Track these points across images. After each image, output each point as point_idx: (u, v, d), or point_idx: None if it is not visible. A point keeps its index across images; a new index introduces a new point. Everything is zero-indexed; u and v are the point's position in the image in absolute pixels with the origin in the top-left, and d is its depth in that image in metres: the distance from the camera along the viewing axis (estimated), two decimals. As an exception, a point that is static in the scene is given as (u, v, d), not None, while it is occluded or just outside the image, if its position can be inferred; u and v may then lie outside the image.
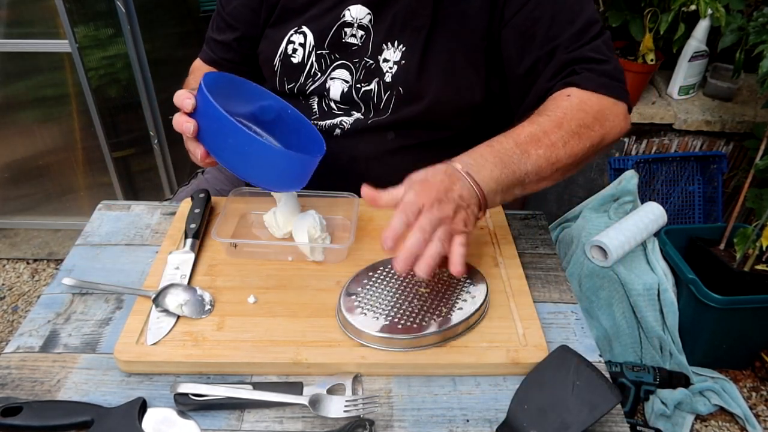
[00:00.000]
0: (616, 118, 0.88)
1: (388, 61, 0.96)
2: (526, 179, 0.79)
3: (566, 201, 2.10)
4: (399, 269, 0.65)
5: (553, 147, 0.81)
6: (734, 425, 1.64)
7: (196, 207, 0.93)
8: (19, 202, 2.14)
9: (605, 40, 0.92)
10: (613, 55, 0.91)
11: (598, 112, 0.86)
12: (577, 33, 0.89)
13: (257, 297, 0.80)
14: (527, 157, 0.79)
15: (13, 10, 1.73)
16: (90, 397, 0.69)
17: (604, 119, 0.86)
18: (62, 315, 0.79)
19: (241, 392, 0.67)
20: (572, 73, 0.89)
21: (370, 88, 0.98)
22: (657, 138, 1.98)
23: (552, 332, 0.79)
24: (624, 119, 0.89)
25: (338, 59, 0.99)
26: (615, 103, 0.88)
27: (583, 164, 0.88)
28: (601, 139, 0.86)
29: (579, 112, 0.85)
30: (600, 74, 0.88)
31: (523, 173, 0.78)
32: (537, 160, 0.80)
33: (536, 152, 0.80)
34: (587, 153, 0.85)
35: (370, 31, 0.97)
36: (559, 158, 0.81)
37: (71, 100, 1.89)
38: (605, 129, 0.86)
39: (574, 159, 0.83)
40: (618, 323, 1.67)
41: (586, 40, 0.89)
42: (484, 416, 0.68)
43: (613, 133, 0.88)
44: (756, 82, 1.58)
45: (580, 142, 0.83)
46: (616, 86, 0.89)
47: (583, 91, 0.87)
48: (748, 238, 1.57)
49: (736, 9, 1.70)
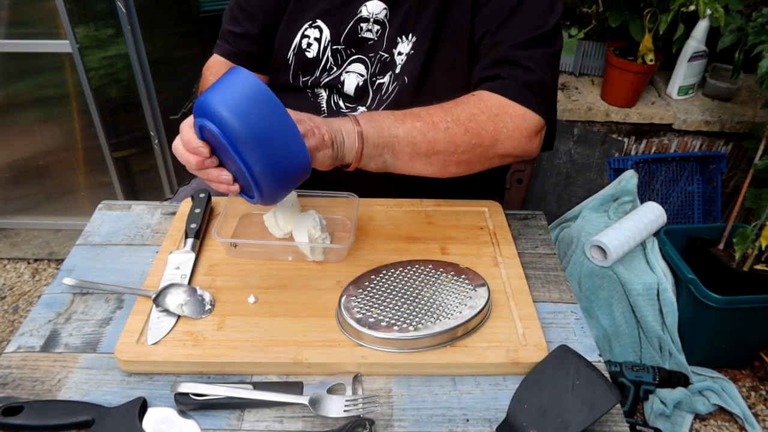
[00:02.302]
0: (516, 129, 0.85)
1: (402, 54, 0.97)
2: (396, 144, 0.80)
3: (566, 201, 2.10)
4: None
5: (432, 125, 0.82)
6: (733, 425, 1.64)
7: (197, 207, 0.93)
8: (19, 202, 2.14)
9: (548, 54, 0.90)
10: (548, 72, 0.89)
11: (496, 115, 0.85)
12: (525, 39, 0.88)
13: (257, 297, 0.80)
14: (401, 123, 0.81)
15: (13, 11, 1.73)
16: (90, 396, 0.69)
17: (500, 124, 0.84)
18: (63, 315, 0.80)
19: (242, 392, 0.67)
20: (496, 77, 0.88)
21: (384, 81, 0.99)
22: (656, 138, 1.98)
23: (552, 332, 0.79)
24: (528, 135, 0.86)
25: (354, 54, 0.99)
26: (524, 114, 0.86)
27: (474, 165, 0.86)
28: (493, 143, 0.84)
29: (474, 107, 0.85)
30: (519, 82, 0.87)
31: (393, 136, 0.80)
32: (411, 131, 0.81)
33: (412, 123, 0.81)
34: (473, 150, 0.83)
35: (385, 26, 0.97)
36: (437, 139, 0.81)
37: (72, 100, 1.89)
38: (499, 134, 0.84)
39: (455, 148, 0.82)
40: (617, 323, 1.67)
41: (528, 47, 0.88)
42: (484, 416, 0.68)
43: (509, 143, 0.85)
44: (755, 82, 1.58)
45: (465, 134, 0.82)
46: (529, 96, 0.87)
47: (492, 93, 0.87)
48: (748, 237, 1.57)
49: (735, 9, 1.71)
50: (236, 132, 0.66)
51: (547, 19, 0.90)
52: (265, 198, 0.72)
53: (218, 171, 0.73)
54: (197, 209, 0.92)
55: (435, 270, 0.81)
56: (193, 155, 0.72)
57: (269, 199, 0.74)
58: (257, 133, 0.66)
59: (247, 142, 0.66)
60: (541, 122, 0.88)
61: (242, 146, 0.66)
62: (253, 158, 0.67)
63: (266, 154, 0.67)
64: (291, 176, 0.71)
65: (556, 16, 0.91)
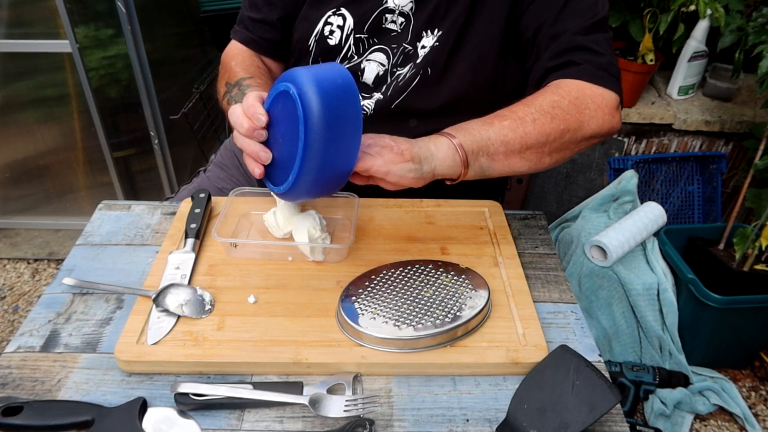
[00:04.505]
0: (598, 108, 0.87)
1: (426, 47, 0.97)
2: (490, 146, 0.81)
3: (566, 201, 2.10)
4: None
5: (520, 121, 0.82)
6: (733, 425, 1.64)
7: (197, 207, 0.93)
8: (19, 202, 2.14)
9: (608, 38, 0.93)
10: (612, 54, 0.92)
11: (576, 98, 0.86)
12: (586, 25, 0.90)
13: (257, 297, 0.80)
14: (489, 125, 0.82)
15: (13, 11, 1.73)
16: (90, 396, 0.69)
17: (582, 105, 0.86)
18: (63, 315, 0.80)
19: (242, 392, 0.67)
20: (569, 64, 0.89)
21: (403, 72, 0.99)
22: (656, 138, 1.98)
23: (552, 332, 0.79)
24: (610, 112, 0.88)
25: (376, 44, 0.99)
26: (602, 93, 0.88)
27: (564, 153, 0.87)
28: (579, 125, 0.85)
29: (554, 94, 0.86)
30: (593, 65, 0.89)
31: (485, 138, 0.81)
32: (501, 130, 0.82)
33: (500, 123, 0.82)
34: (562, 136, 0.84)
35: (410, 19, 0.97)
36: (527, 133, 0.82)
37: (72, 100, 1.89)
38: (583, 115, 0.86)
39: (546, 138, 0.83)
40: (617, 323, 1.67)
41: (590, 32, 0.90)
42: (484, 416, 0.68)
43: (594, 122, 0.87)
44: (755, 82, 1.58)
45: (552, 122, 0.83)
46: (605, 77, 0.89)
47: (567, 80, 0.88)
48: (748, 237, 1.57)
49: (735, 9, 1.71)
50: (314, 109, 0.67)
51: (597, 7, 0.92)
52: (293, 189, 0.72)
53: (261, 147, 0.74)
54: (197, 209, 0.92)
55: (435, 270, 0.81)
56: (249, 120, 0.73)
57: (295, 192, 0.74)
58: (332, 120, 0.68)
59: (319, 123, 0.67)
60: (617, 98, 0.90)
61: (313, 125, 0.67)
62: (315, 142, 0.68)
63: (328, 143, 0.68)
64: (330, 176, 0.72)
65: (604, 5, 0.93)
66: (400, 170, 0.76)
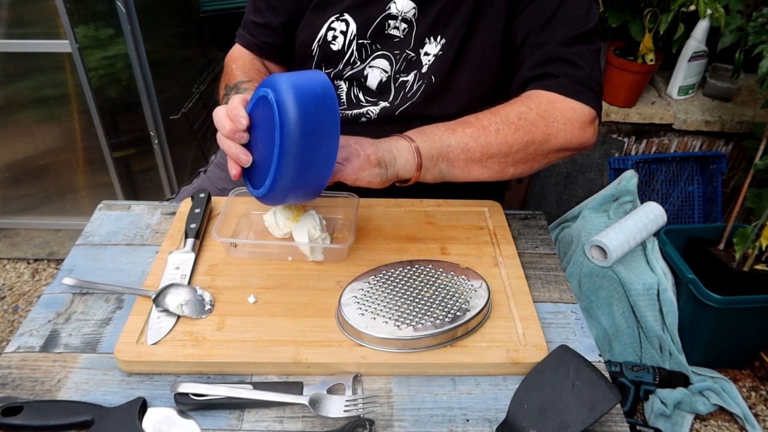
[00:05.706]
0: (567, 121, 0.86)
1: (429, 54, 0.97)
2: (450, 153, 0.82)
3: (566, 201, 2.10)
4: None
5: (483, 130, 0.83)
6: (733, 425, 1.64)
7: (197, 207, 0.93)
8: (19, 202, 2.14)
9: (592, 50, 0.91)
10: (596, 67, 0.91)
11: (546, 110, 0.85)
12: (570, 36, 0.90)
13: (257, 297, 0.80)
14: (452, 132, 0.83)
15: (13, 11, 1.73)
16: (90, 396, 0.69)
17: (551, 118, 0.85)
18: (63, 315, 0.80)
19: (241, 392, 0.67)
20: (547, 75, 0.89)
21: (407, 79, 0.99)
22: (656, 138, 1.98)
23: (552, 332, 0.79)
24: (581, 126, 0.87)
25: (379, 50, 1.00)
26: (574, 107, 0.87)
27: (531, 164, 0.87)
28: (546, 138, 0.85)
29: (522, 105, 0.86)
30: (571, 79, 0.88)
31: (446, 145, 0.82)
32: (462, 138, 0.82)
33: (463, 131, 0.83)
34: (527, 148, 0.84)
35: (413, 25, 0.97)
36: (488, 142, 0.82)
37: (72, 100, 1.89)
38: (551, 128, 0.85)
39: (508, 149, 0.83)
40: (617, 323, 1.67)
41: (573, 44, 0.90)
42: (484, 416, 0.68)
43: (562, 136, 0.86)
44: (755, 82, 1.58)
45: (515, 133, 0.83)
46: (581, 90, 0.88)
47: (541, 91, 0.88)
48: (748, 237, 1.57)
49: (735, 9, 1.71)
50: (291, 116, 0.68)
51: (587, 18, 0.91)
52: (271, 193, 0.74)
53: (242, 149, 0.76)
54: (197, 209, 0.92)
55: (435, 270, 0.81)
56: (231, 122, 0.74)
57: (273, 196, 0.75)
58: (308, 127, 0.69)
59: (295, 130, 0.68)
60: (593, 113, 0.89)
61: (288, 132, 0.68)
62: (291, 148, 0.69)
63: (303, 150, 0.69)
64: (308, 181, 0.73)
65: (594, 16, 0.93)
66: (367, 176, 0.79)
